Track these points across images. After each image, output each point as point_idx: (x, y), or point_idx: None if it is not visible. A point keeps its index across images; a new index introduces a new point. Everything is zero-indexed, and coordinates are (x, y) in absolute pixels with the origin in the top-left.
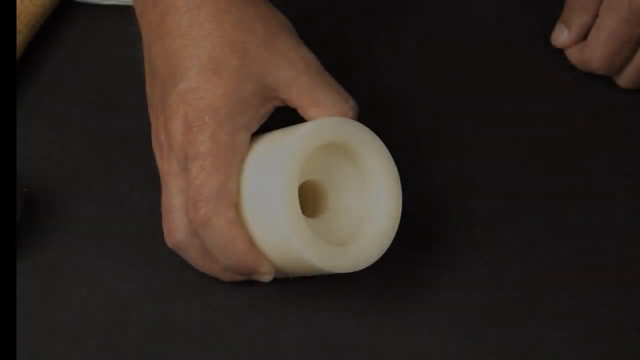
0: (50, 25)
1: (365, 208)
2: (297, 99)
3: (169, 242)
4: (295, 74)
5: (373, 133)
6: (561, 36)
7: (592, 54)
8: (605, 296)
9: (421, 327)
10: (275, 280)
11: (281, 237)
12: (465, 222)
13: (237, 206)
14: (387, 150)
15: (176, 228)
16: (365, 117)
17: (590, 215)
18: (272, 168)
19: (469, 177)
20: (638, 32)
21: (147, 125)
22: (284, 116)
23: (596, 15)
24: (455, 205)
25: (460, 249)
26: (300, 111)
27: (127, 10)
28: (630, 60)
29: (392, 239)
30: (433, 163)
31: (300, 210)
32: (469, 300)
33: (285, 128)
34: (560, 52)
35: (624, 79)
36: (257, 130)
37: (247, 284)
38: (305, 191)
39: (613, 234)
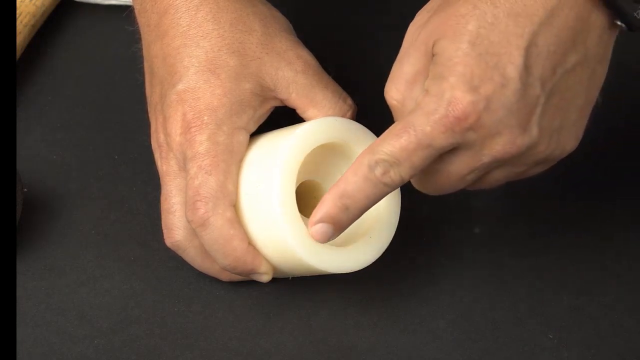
0: (50, 25)
1: None
2: (295, 99)
3: (169, 242)
4: (293, 74)
5: (371, 133)
6: None
7: None
8: (605, 296)
9: (421, 327)
10: (275, 280)
11: (279, 237)
12: (465, 222)
13: (235, 206)
14: None
15: (175, 228)
16: (363, 117)
17: (591, 215)
18: (270, 168)
19: None
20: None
21: (147, 125)
22: (283, 116)
23: None
24: (455, 205)
25: (460, 249)
26: (299, 111)
27: (127, 10)
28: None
29: (391, 239)
30: None
31: (298, 211)
32: (469, 300)
33: (283, 128)
34: None
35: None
36: (255, 130)
37: (247, 284)
38: (303, 191)
39: (613, 234)
